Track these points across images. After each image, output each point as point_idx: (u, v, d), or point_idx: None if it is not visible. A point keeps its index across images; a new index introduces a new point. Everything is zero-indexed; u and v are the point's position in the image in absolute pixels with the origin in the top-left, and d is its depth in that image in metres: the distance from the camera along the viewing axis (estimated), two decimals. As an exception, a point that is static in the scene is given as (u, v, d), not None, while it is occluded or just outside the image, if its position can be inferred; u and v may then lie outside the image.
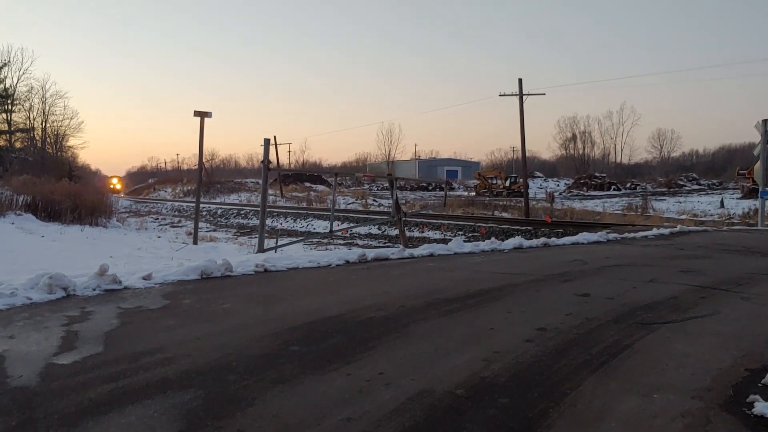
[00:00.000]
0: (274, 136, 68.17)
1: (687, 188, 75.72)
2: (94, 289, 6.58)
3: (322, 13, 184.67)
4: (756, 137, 23.69)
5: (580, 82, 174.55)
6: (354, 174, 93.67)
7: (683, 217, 34.94)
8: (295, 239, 21.58)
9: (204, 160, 26.86)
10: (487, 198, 60.34)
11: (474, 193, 71.26)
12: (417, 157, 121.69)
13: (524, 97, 38.42)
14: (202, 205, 36.96)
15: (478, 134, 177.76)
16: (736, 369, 4.16)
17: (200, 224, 28.84)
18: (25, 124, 65.29)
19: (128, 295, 6.50)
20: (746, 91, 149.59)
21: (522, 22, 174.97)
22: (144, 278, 7.18)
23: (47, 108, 68.33)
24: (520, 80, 38.37)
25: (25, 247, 17.06)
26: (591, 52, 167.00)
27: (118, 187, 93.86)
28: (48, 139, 71.03)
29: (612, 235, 15.27)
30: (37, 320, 5.23)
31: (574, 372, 4.04)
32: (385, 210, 40.58)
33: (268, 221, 35.85)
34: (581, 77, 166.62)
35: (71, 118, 72.54)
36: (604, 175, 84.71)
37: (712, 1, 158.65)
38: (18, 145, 63.79)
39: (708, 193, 63.93)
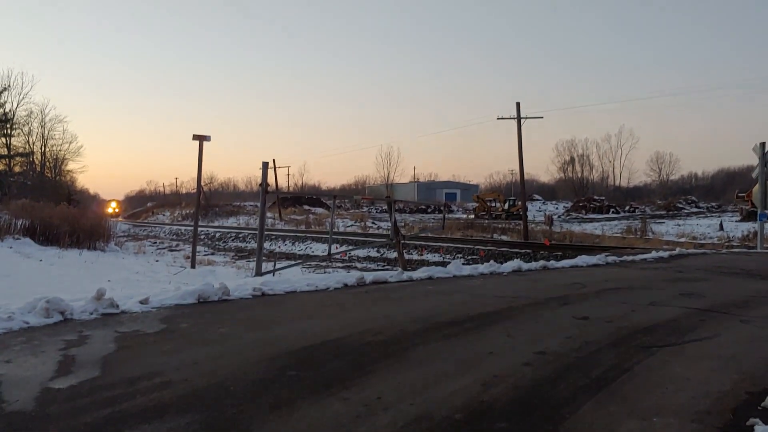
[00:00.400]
0: (273, 159, 68.33)
1: (686, 211, 75.82)
2: (92, 313, 6.55)
3: (321, 37, 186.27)
4: (754, 160, 23.76)
5: (578, 105, 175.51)
6: (353, 197, 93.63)
7: (682, 239, 34.92)
8: (293, 262, 21.58)
9: (202, 184, 26.91)
10: (486, 221, 60.29)
11: (473, 216, 71.26)
12: (416, 180, 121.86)
13: (522, 121, 38.60)
14: (200, 229, 36.94)
15: (476, 157, 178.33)
16: (736, 392, 4.14)
17: (198, 248, 28.84)
18: (25, 148, 65.47)
19: (125, 319, 6.47)
20: (745, 113, 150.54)
21: (520, 46, 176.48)
22: (141, 302, 7.15)
23: (46, 132, 68.62)
24: (518, 104, 38.62)
25: (23, 271, 17.03)
26: (589, 76, 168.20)
27: (117, 211, 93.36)
28: (47, 164, 71.23)
29: (611, 258, 15.24)
30: (34, 344, 5.20)
31: (573, 396, 4.02)
32: (384, 233, 40.54)
33: (267, 244, 35.82)
34: (579, 100, 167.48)
35: (70, 143, 72.71)
36: (603, 198, 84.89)
37: (710, 24, 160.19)
38: (17, 169, 63.92)
39: (707, 216, 63.97)
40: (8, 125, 60.90)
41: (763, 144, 22.97)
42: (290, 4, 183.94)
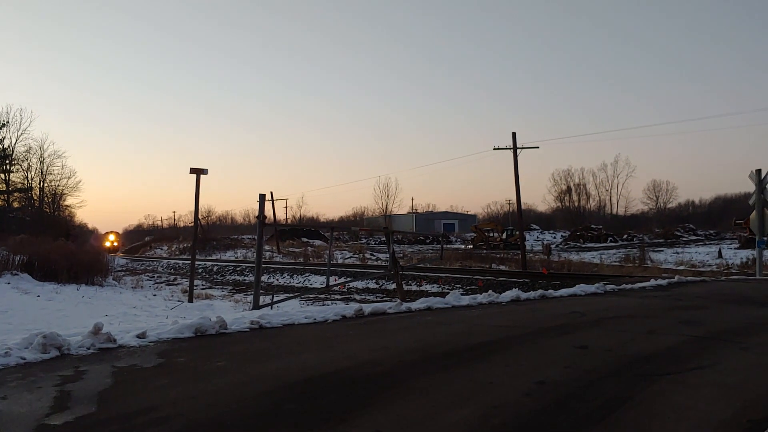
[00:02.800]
0: (271, 192, 68.69)
1: (684, 239, 75.91)
2: (89, 348, 6.51)
3: (318, 69, 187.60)
4: (751, 187, 23.82)
5: (574, 135, 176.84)
6: (351, 228, 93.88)
7: (681, 267, 34.90)
8: (291, 295, 21.51)
9: (200, 217, 26.94)
10: (485, 251, 60.35)
11: (471, 246, 71.32)
12: (414, 211, 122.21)
13: (518, 151, 38.83)
14: (198, 263, 36.87)
15: (474, 187, 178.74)
16: (738, 420, 4.11)
17: (196, 282, 28.76)
18: (23, 184, 65.50)
19: (122, 353, 6.43)
20: (741, 141, 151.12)
21: (516, 76, 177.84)
22: (138, 336, 7.12)
23: (45, 168, 68.56)
24: (514, 134, 38.87)
25: (21, 307, 16.95)
26: (585, 105, 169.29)
27: (116, 244, 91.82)
28: (45, 199, 71.11)
29: (610, 287, 15.21)
30: (30, 380, 5.17)
31: (574, 426, 3.99)
32: (383, 264, 40.49)
33: (265, 277, 35.74)
34: (575, 130, 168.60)
35: (69, 178, 72.55)
36: (601, 226, 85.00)
37: (705, 52, 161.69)
38: (16, 204, 63.98)
39: (705, 244, 64.02)
40: (7, 161, 61.09)
41: (759, 171, 23.05)
42: (287, 36, 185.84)
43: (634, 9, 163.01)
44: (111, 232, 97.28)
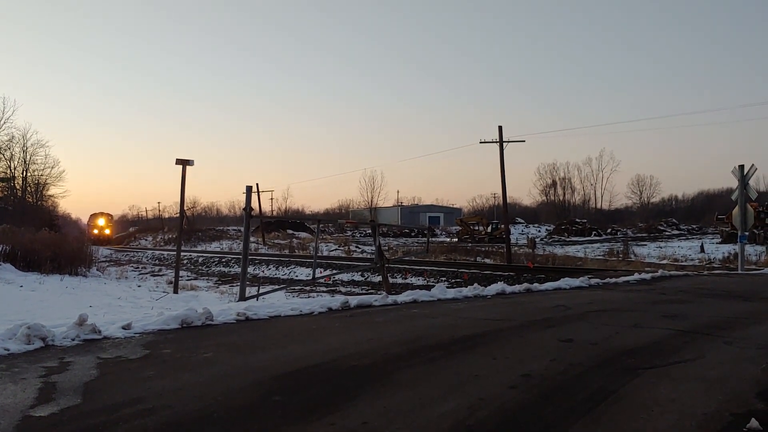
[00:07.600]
0: (257, 184, 68.35)
1: (667, 233, 76.52)
2: (73, 339, 6.48)
3: (305, 62, 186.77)
4: (734, 182, 24.01)
5: (559, 129, 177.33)
6: (337, 221, 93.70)
7: (664, 261, 35.13)
8: (277, 287, 21.45)
9: (185, 208, 26.77)
10: (470, 244, 60.38)
11: (456, 240, 71.45)
12: (399, 204, 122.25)
13: (504, 144, 38.83)
14: (183, 254, 36.68)
15: (459, 181, 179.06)
16: (721, 414, 4.15)
17: (181, 273, 28.61)
18: (6, 173, 64.92)
19: (108, 344, 6.40)
20: (724, 137, 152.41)
21: (502, 70, 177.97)
22: (124, 328, 7.08)
23: (28, 157, 67.92)
24: (500, 127, 38.83)
25: (3, 298, 16.79)
26: (570, 100, 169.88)
27: (107, 231, 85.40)
28: (28, 189, 70.50)
29: (594, 281, 15.29)
30: (14, 371, 5.13)
31: (559, 419, 4.01)
32: (368, 256, 40.48)
33: (251, 269, 35.63)
34: (561, 124, 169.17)
35: (52, 167, 71.88)
36: (585, 220, 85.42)
37: (688, 48, 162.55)
38: (-2, 194, 63.38)
39: (688, 238, 64.57)
40: (-11, 150, 60.50)
41: (741, 167, 23.24)
42: (272, 30, 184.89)
43: (617, 5, 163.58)
44: (101, 214, 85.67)
